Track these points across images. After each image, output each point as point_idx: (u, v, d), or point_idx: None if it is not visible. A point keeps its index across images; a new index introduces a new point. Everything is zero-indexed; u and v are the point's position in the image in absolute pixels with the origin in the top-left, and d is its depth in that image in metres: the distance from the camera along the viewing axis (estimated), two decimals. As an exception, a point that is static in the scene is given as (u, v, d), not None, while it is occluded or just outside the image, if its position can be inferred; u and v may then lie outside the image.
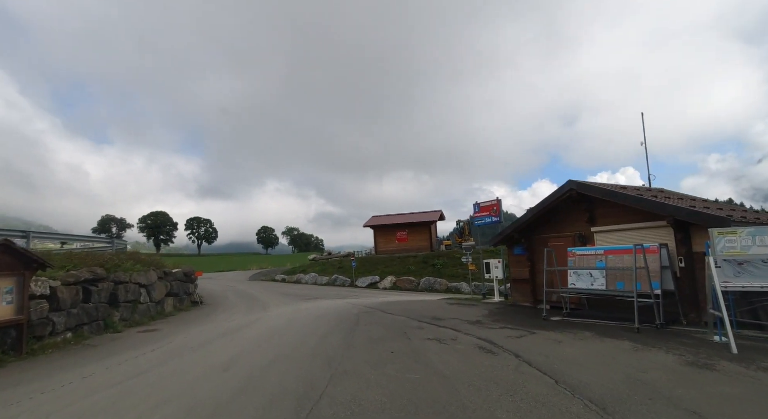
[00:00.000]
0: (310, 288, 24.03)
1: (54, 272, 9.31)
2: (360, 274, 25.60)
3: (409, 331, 8.60)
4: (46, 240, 12.17)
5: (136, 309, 11.80)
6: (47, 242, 13.13)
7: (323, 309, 13.63)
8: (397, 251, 29.16)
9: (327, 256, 34.43)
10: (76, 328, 9.33)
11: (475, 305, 13.13)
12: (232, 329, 10.08)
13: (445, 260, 25.78)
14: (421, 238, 29.31)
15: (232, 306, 15.68)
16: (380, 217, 32.37)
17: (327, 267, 28.49)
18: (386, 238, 30.12)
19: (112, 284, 10.88)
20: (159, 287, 13.26)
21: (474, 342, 7.27)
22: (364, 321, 10.38)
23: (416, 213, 32.09)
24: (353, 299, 18.09)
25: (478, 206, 14.93)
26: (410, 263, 26.31)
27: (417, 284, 23.28)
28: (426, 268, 25.26)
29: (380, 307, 13.46)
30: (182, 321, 12.27)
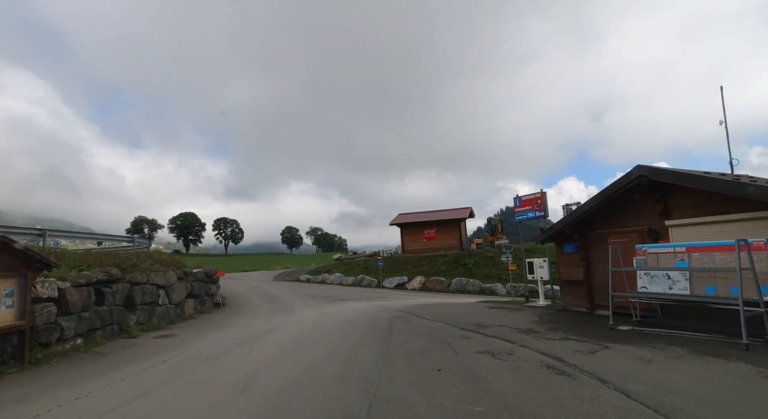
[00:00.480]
0: (335, 289, 23.13)
1: (65, 272, 8.64)
2: (387, 274, 24.50)
3: (453, 342, 7.41)
4: (63, 238, 11.72)
5: (154, 312, 11.09)
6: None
7: (351, 313, 12.59)
8: (425, 251, 27.87)
9: (352, 256, 33.54)
10: (87, 333, 8.62)
11: (519, 310, 11.76)
12: (253, 336, 9.16)
13: (477, 259, 24.32)
14: (451, 236, 27.90)
15: (255, 309, 14.88)
16: (407, 215, 31.15)
17: (352, 267, 27.56)
18: (414, 237, 28.86)
19: (128, 285, 10.18)
20: (179, 289, 12.56)
21: (536, 357, 6.00)
22: (398, 328, 9.25)
23: (445, 210, 30.67)
24: (381, 301, 17.00)
25: (520, 200, 13.51)
26: (440, 262, 24.99)
27: (448, 285, 21.96)
28: (456, 268, 23.89)
29: (413, 311, 12.30)
30: (202, 324, 11.49)
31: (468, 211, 29.57)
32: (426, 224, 28.71)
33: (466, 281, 21.58)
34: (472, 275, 22.48)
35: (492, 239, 28.52)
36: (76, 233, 11.50)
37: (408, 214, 31.36)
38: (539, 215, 12.75)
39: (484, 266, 23.43)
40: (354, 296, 19.22)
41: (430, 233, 28.47)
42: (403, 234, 29.49)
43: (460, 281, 21.79)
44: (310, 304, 16.05)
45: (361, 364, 6.04)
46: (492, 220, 30.43)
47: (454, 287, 21.64)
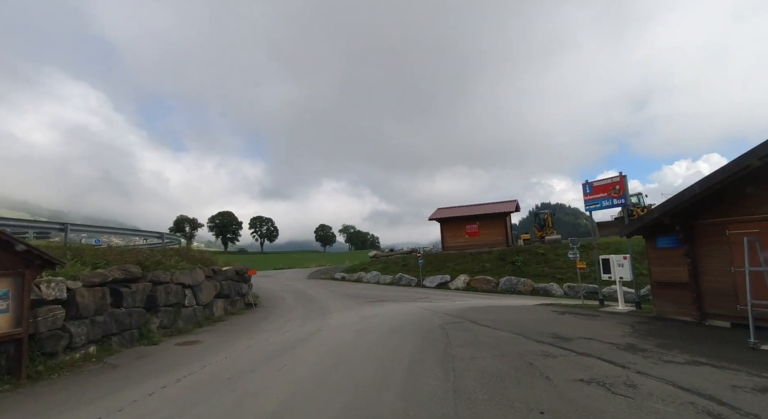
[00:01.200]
0: (372, 288, 21.74)
1: (76, 270, 7.66)
2: (427, 273, 22.83)
3: (536, 362, 5.71)
4: (82, 233, 10.98)
5: (180, 314, 10.06)
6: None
7: (395, 317, 11.08)
8: (467, 247, 25.93)
9: (389, 253, 32.06)
10: (102, 339, 7.60)
11: (597, 317, 9.79)
12: (286, 345, 7.82)
13: (527, 256, 22.14)
14: (496, 232, 25.77)
15: (289, 310, 13.69)
16: (447, 209, 29.24)
17: (389, 265, 26.09)
18: (455, 232, 26.95)
19: (150, 284, 9.15)
20: (207, 288, 11.53)
21: (676, 395, 4.21)
22: (456, 338, 7.63)
23: (488, 204, 28.47)
24: (425, 302, 15.39)
25: (591, 187, 11.47)
26: (484, 260, 23.01)
27: (495, 285, 19.99)
28: (504, 266, 21.84)
29: (466, 315, 10.63)
30: (230, 329, 10.35)
31: (514, 204, 27.25)
32: (468, 218, 26.69)
33: (516, 281, 19.53)
34: (523, 274, 20.39)
35: (541, 234, 26.12)
36: (100, 229, 10.74)
37: (448, 208, 29.43)
38: (617, 203, 10.68)
39: (534, 264, 21.24)
40: (394, 296, 17.72)
41: (472, 228, 26.44)
42: (443, 230, 27.63)
43: (510, 280, 19.76)
44: (348, 305, 14.69)
45: (426, 395, 4.48)
46: (541, 213, 27.92)
47: (502, 288, 19.66)
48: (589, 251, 20.57)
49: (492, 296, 18.41)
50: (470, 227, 26.65)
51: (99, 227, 10.89)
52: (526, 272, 20.62)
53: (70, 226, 10.03)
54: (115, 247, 10.66)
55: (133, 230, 12.12)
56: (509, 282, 19.66)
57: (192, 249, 13.56)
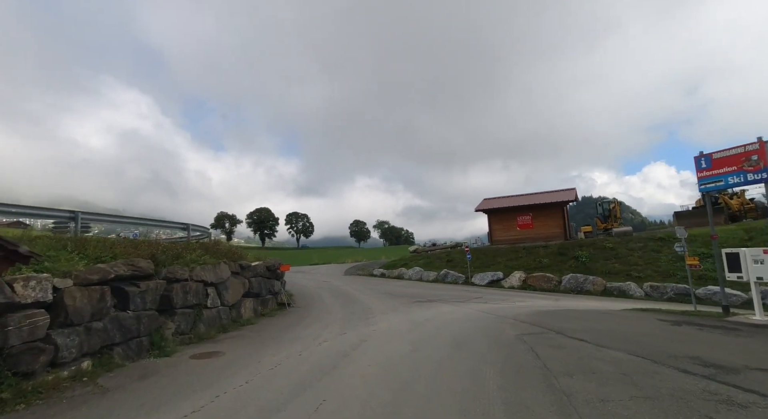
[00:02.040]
0: (416, 286, 19.81)
1: (72, 264, 6.26)
2: (475, 269, 20.58)
3: (718, 417, 3.55)
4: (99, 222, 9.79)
5: (201, 317, 8.57)
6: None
7: (454, 323, 9.10)
8: (519, 241, 23.39)
9: (431, 248, 29.91)
10: (101, 351, 6.15)
11: (739, 332, 7.31)
12: (323, 365, 6.04)
13: (592, 251, 19.37)
14: (552, 224, 23.03)
15: (326, 311, 12.02)
16: (495, 199, 26.65)
17: (432, 261, 24.04)
18: (504, 224, 24.42)
19: (164, 282, 7.68)
20: (233, 286, 10.03)
21: None
22: (551, 359, 5.55)
23: (543, 193, 25.59)
24: (480, 303, 13.27)
25: (709, 160, 8.87)
26: (541, 255, 20.43)
27: (557, 283, 17.47)
28: (565, 262, 19.20)
29: (543, 322, 8.49)
30: (258, 335, 8.76)
31: (572, 193, 24.22)
32: (520, 209, 24.05)
33: (584, 279, 16.91)
34: (589, 272, 17.71)
35: (605, 226, 23.10)
36: (114, 218, 9.53)
37: (496, 198, 26.84)
38: (755, 179, 8.05)
39: (602, 260, 18.47)
40: (442, 295, 15.69)
41: (524, 219, 23.82)
42: (490, 222, 25.15)
43: (575, 278, 17.17)
44: (393, 306, 12.83)
45: None
46: (605, 202, 24.72)
47: (566, 287, 17.11)
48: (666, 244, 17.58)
49: (556, 296, 15.94)
50: (522, 219, 24.02)
51: (112, 216, 9.70)
52: (592, 270, 17.92)
53: (81, 214, 8.79)
54: (131, 239, 9.35)
55: (153, 221, 10.89)
56: (574, 281, 17.07)
57: (220, 242, 12.18)
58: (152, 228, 11.88)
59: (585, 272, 17.73)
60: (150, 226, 11.08)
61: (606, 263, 18.05)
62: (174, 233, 12.54)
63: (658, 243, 18.26)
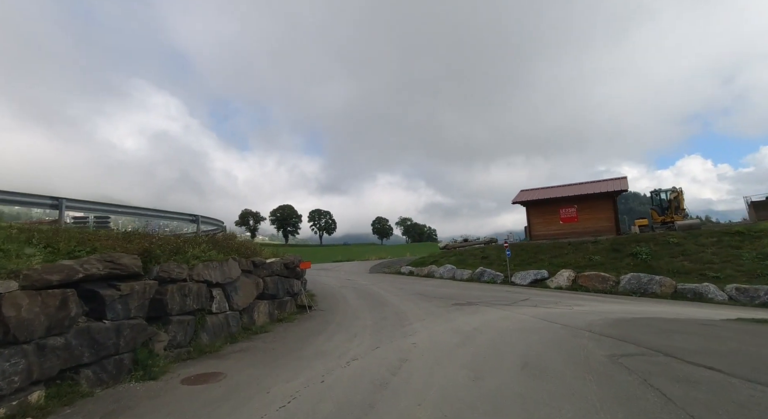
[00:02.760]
0: (450, 286, 17.94)
1: (23, 262, 4.80)
2: (515, 267, 18.50)
3: None
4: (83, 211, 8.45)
5: (203, 325, 7.06)
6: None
7: (514, 335, 7.24)
8: (561, 235, 21.13)
9: (462, 243, 27.87)
10: (62, 375, 4.68)
11: None
12: (353, 401, 4.34)
13: (652, 247, 16.96)
14: (601, 216, 20.63)
15: (353, 316, 10.37)
16: (535, 191, 24.34)
17: (465, 258, 22.06)
18: (545, 218, 22.16)
19: (155, 283, 6.18)
20: (245, 287, 8.51)
21: None
22: (692, 404, 3.63)
23: (589, 183, 23.08)
24: (530, 307, 11.33)
25: None
26: (590, 251, 18.14)
27: (614, 284, 15.22)
28: (621, 259, 16.87)
29: (635, 337, 6.51)
30: (273, 347, 7.17)
31: (624, 182, 21.54)
32: (563, 201, 21.68)
33: (648, 279, 14.61)
34: (652, 270, 15.38)
35: (665, 218, 20.49)
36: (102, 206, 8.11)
37: (535, 189, 24.50)
38: None
39: (667, 258, 16.07)
40: (482, 297, 13.78)
41: (568, 212, 21.49)
42: (529, 215, 22.91)
43: (637, 278, 14.88)
44: (429, 310, 11.05)
45: None
46: (665, 191, 21.98)
47: (625, 288, 14.85)
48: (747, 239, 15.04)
49: (615, 299, 13.75)
50: (566, 212, 21.69)
51: (102, 204, 8.33)
52: (656, 268, 15.56)
53: (66, 201, 7.41)
54: (122, 231, 7.93)
55: (155, 211, 9.47)
56: (636, 281, 14.79)
57: (232, 237, 10.72)
58: (156, 220, 10.53)
59: (647, 270, 15.40)
60: (150, 216, 9.70)
61: (672, 261, 15.64)
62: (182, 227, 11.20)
63: (736, 238, 15.71)
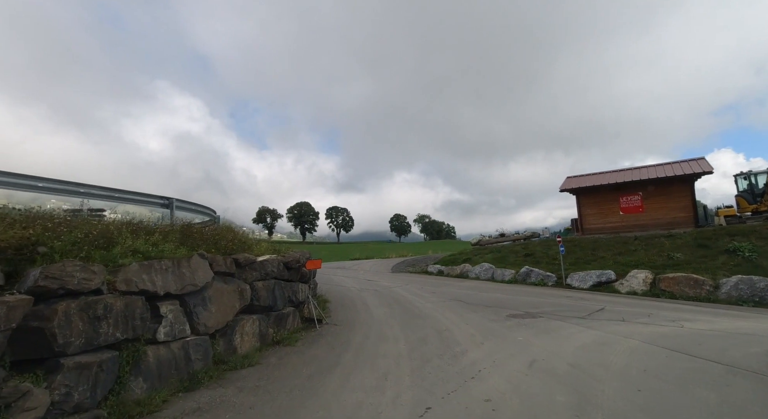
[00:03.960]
0: (491, 289, 14.83)
1: None
2: (571, 267, 15.24)
3: None
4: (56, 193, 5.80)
5: (138, 365, 4.26)
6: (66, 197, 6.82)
7: (659, 385, 4.14)
8: (622, 229, 17.69)
9: (497, 239, 24.44)
10: None
11: None
12: None
13: (754, 241, 13.39)
14: (674, 206, 17.04)
15: (380, 336, 7.44)
16: (586, 177, 20.71)
17: (505, 255, 18.83)
18: (601, 208, 18.66)
19: (29, 300, 3.39)
20: (221, 298, 5.68)
21: None
22: None
23: (657, 166, 19.30)
24: (618, 322, 8.19)
25: None
26: (667, 247, 14.67)
27: (713, 288, 11.78)
28: (713, 257, 13.37)
29: None
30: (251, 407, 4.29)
31: (704, 163, 17.65)
32: (623, 187, 18.06)
33: (767, 284, 11.13)
34: (763, 271, 11.87)
35: (758, 207, 16.81)
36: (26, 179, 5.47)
37: (586, 176, 20.88)
38: None
39: (778, 254, 12.51)
40: (540, 305, 10.64)
41: (632, 200, 17.97)
42: (580, 206, 19.44)
43: (748, 282, 11.41)
44: (483, 326, 8.01)
45: None
46: (757, 174, 18.17)
47: (730, 294, 11.42)
48: None
49: (725, 309, 10.38)
50: (628, 200, 18.17)
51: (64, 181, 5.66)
52: (764, 267, 12.05)
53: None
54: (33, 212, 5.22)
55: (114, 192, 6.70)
56: (747, 285, 11.32)
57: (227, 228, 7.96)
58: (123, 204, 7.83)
59: (756, 272, 11.91)
60: (115, 199, 7.01)
61: (787, 259, 12.10)
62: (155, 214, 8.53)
63: None
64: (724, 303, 11.36)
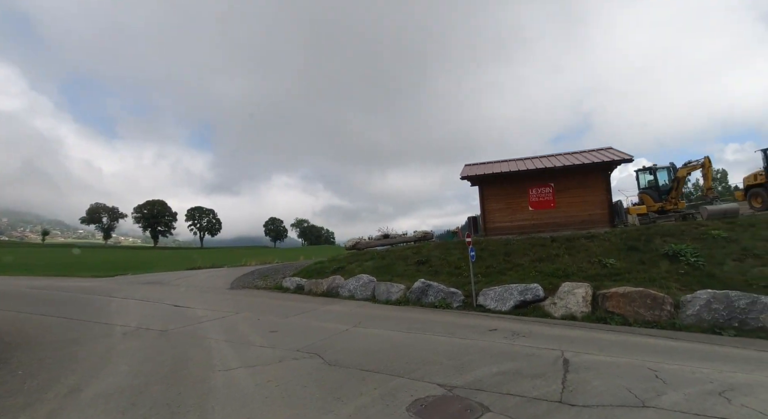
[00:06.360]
0: (373, 319, 9.39)
1: None
2: (482, 279, 10.87)
3: None
4: None
5: None
6: None
7: None
8: (532, 228, 14.45)
9: (380, 240, 19.05)
10: None
11: None
12: None
13: (691, 244, 10.79)
14: (590, 200, 14.34)
15: None
16: (491, 164, 16.93)
17: (391, 263, 13.75)
18: (508, 202, 15.15)
19: None
20: None
21: None
22: None
23: (569, 154, 16.49)
24: None
25: None
26: (596, 252, 11.38)
27: (674, 308, 8.34)
28: (653, 263, 10.31)
29: None
30: None
31: (617, 151, 15.31)
32: (533, 176, 14.77)
33: (749, 302, 7.97)
34: (718, 281, 8.99)
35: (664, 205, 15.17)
36: None
37: (491, 163, 17.24)
38: None
39: (730, 261, 9.96)
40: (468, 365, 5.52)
41: (542, 193, 14.86)
42: (484, 198, 15.65)
43: (724, 299, 8.15)
44: None
45: None
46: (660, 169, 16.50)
47: (701, 317, 8.11)
48: None
49: (713, 345, 6.76)
50: (538, 193, 15.01)
51: None
52: (722, 278, 9.25)
53: None
54: None
55: None
56: (722, 305, 8.06)
57: None
58: None
59: (708, 282, 8.98)
60: None
61: (742, 267, 9.51)
62: None
63: None
64: (697, 331, 7.92)
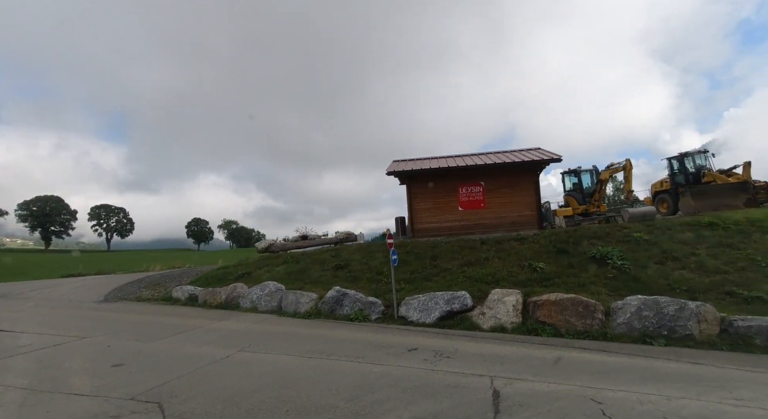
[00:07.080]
0: (269, 339, 7.55)
1: None
2: (405, 286, 9.55)
3: None
4: None
5: None
6: None
7: None
8: (462, 229, 13.54)
9: (297, 242, 16.98)
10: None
11: None
12: None
13: (617, 246, 10.47)
14: (520, 201, 13.73)
15: None
16: (419, 160, 15.80)
17: (306, 267, 11.88)
18: (437, 201, 14.08)
19: None
20: None
21: None
22: None
23: (500, 153, 15.82)
24: None
25: None
26: (524, 254, 10.64)
27: (604, 316, 7.68)
28: (582, 267, 9.74)
29: None
30: None
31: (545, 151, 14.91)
32: (463, 175, 13.92)
33: (677, 308, 7.47)
34: (643, 286, 8.58)
35: (588, 208, 15.16)
36: None
37: (419, 160, 16.07)
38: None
39: (653, 264, 9.67)
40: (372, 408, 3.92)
41: (472, 193, 14.00)
42: (411, 197, 14.46)
43: (653, 305, 7.62)
44: None
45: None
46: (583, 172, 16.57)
47: (631, 325, 7.48)
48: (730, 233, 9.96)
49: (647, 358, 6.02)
50: (468, 192, 14.15)
51: None
52: (647, 282, 8.87)
53: None
54: None
55: None
56: (652, 311, 7.50)
57: None
58: None
59: (635, 287, 8.53)
60: None
61: (663, 270, 9.23)
62: None
63: (721, 232, 10.47)
64: (628, 341, 7.24)
